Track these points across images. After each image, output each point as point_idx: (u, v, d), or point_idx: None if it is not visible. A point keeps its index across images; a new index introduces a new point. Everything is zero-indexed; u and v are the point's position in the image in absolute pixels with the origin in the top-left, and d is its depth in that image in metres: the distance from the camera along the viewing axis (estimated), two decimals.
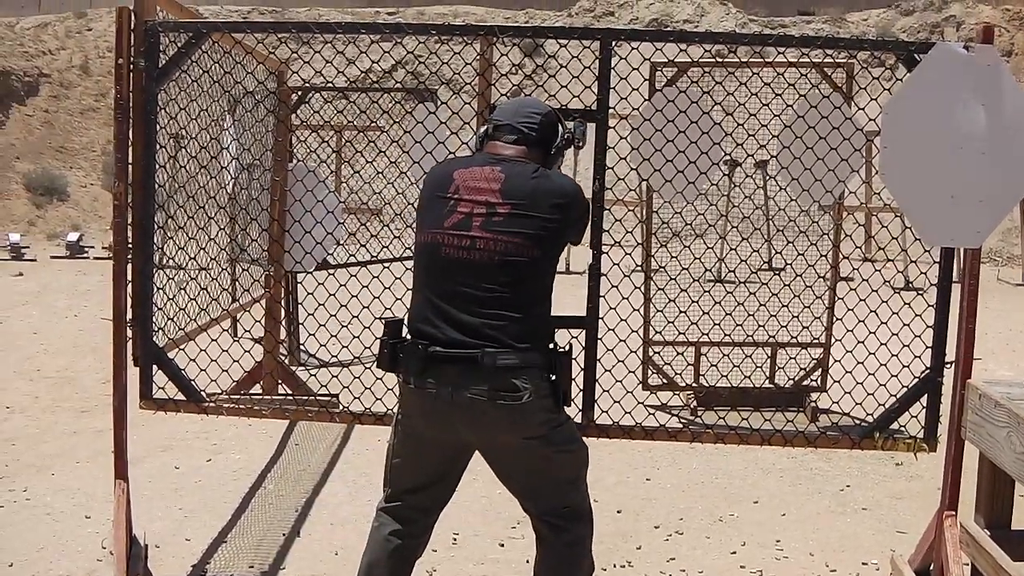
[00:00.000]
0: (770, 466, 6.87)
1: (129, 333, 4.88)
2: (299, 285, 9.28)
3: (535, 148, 4.00)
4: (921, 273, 5.47)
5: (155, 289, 4.97)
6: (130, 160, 4.80)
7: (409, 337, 3.88)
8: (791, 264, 5.95)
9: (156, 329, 4.98)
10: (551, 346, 3.93)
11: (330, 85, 10.80)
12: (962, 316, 4.61)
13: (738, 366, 6.90)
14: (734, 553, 5.54)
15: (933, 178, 4.53)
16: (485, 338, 3.73)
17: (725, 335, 6.23)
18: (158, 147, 4.89)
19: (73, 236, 17.75)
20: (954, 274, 4.84)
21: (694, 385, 7.97)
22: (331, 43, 5.56)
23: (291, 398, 7.12)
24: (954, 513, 4.66)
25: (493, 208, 3.80)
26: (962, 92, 4.54)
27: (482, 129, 4.15)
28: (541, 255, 3.83)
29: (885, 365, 4.92)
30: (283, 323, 8.70)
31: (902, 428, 4.81)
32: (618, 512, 5.98)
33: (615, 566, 5.30)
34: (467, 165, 3.96)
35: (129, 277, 4.86)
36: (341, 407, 5.68)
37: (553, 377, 3.88)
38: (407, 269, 5.57)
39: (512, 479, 4.05)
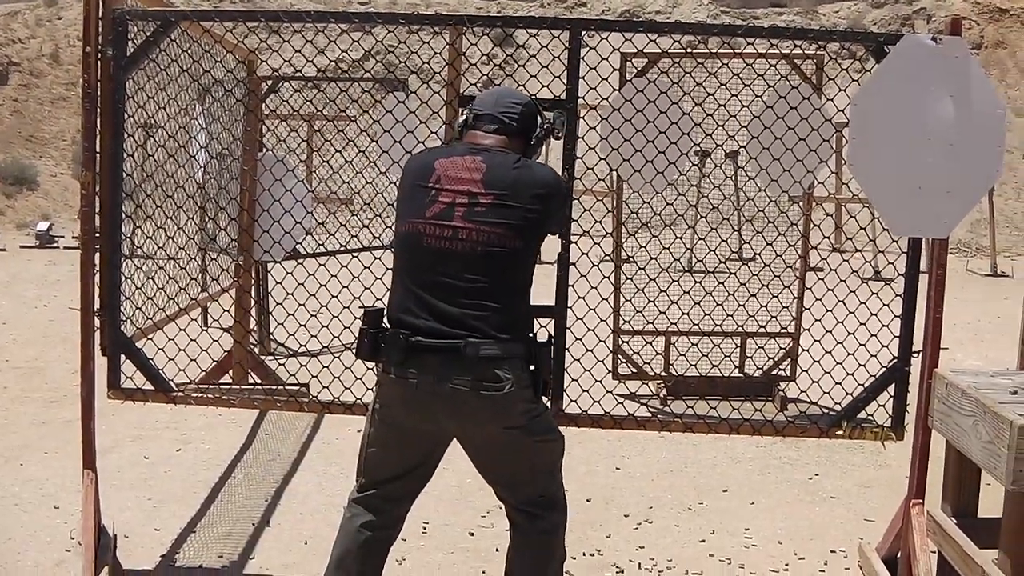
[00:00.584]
0: (739, 455, 6.90)
1: (97, 323, 4.86)
2: (268, 274, 9.26)
3: (516, 138, 4.01)
4: (889, 263, 5.49)
5: (123, 278, 4.94)
6: (98, 149, 4.78)
7: (389, 327, 3.86)
8: (760, 254, 5.98)
9: (124, 318, 4.96)
10: (531, 336, 3.93)
11: (300, 74, 10.78)
12: (929, 306, 4.64)
13: (707, 355, 6.92)
14: (703, 541, 5.56)
15: (901, 169, 4.55)
16: (467, 328, 3.73)
17: (694, 324, 6.28)
18: (126, 136, 4.87)
19: (43, 226, 17.66)
20: (922, 264, 4.85)
21: (663, 374, 7.99)
22: (301, 32, 5.54)
23: (260, 387, 7.11)
24: (921, 501, 4.69)
25: (475, 198, 3.78)
26: (930, 84, 4.56)
27: (461, 118, 4.13)
28: (523, 245, 3.81)
29: (852, 355, 4.95)
30: (253, 312, 8.67)
31: (870, 417, 4.83)
32: (587, 501, 6.00)
33: (584, 554, 5.31)
34: (448, 155, 3.94)
35: (97, 266, 4.84)
36: (310, 397, 5.67)
37: (533, 367, 3.89)
38: (376, 258, 5.60)
39: (490, 469, 4.05)
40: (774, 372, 8.01)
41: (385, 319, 3.90)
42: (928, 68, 4.56)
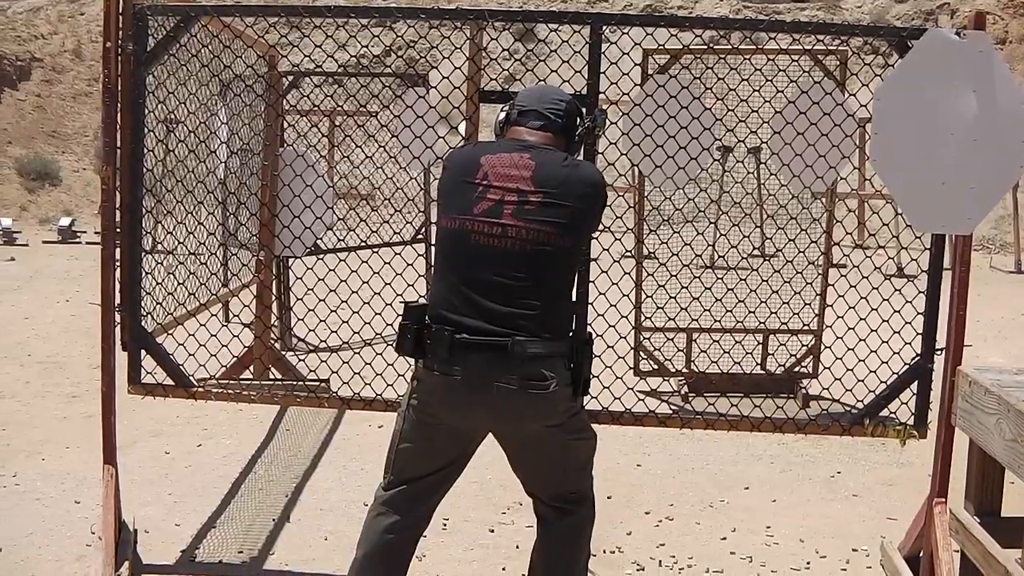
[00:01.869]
0: (761, 452, 6.88)
1: (118, 318, 4.87)
2: (289, 270, 9.26)
3: (560, 135, 3.99)
4: (912, 260, 5.43)
5: (144, 274, 4.95)
6: (119, 144, 4.78)
7: (431, 323, 3.82)
8: (782, 250, 5.94)
9: (145, 314, 4.97)
10: (572, 335, 3.93)
11: (321, 70, 10.78)
12: (953, 303, 4.60)
13: (729, 352, 6.90)
14: (724, 539, 5.54)
15: (924, 164, 4.51)
16: (514, 327, 3.71)
17: (716, 321, 6.23)
18: (146, 131, 4.87)
19: (65, 221, 17.73)
20: (946, 261, 4.81)
21: (685, 371, 7.97)
22: (321, 27, 5.53)
23: (280, 383, 7.12)
24: (944, 500, 4.65)
25: (525, 196, 3.75)
26: (954, 78, 4.51)
27: (502, 114, 4.10)
28: (571, 244, 3.81)
29: (875, 352, 4.92)
30: (273, 308, 8.68)
31: (892, 415, 4.81)
32: (608, 498, 5.97)
33: (605, 552, 5.29)
34: (495, 151, 3.90)
35: (118, 261, 4.85)
36: (331, 392, 5.67)
37: (572, 366, 3.87)
38: (396, 254, 5.58)
39: (525, 465, 4.05)
40: (796, 369, 7.97)
41: (428, 315, 3.86)
42: (951, 63, 4.51)
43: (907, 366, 4.73)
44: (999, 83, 4.54)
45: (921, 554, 4.79)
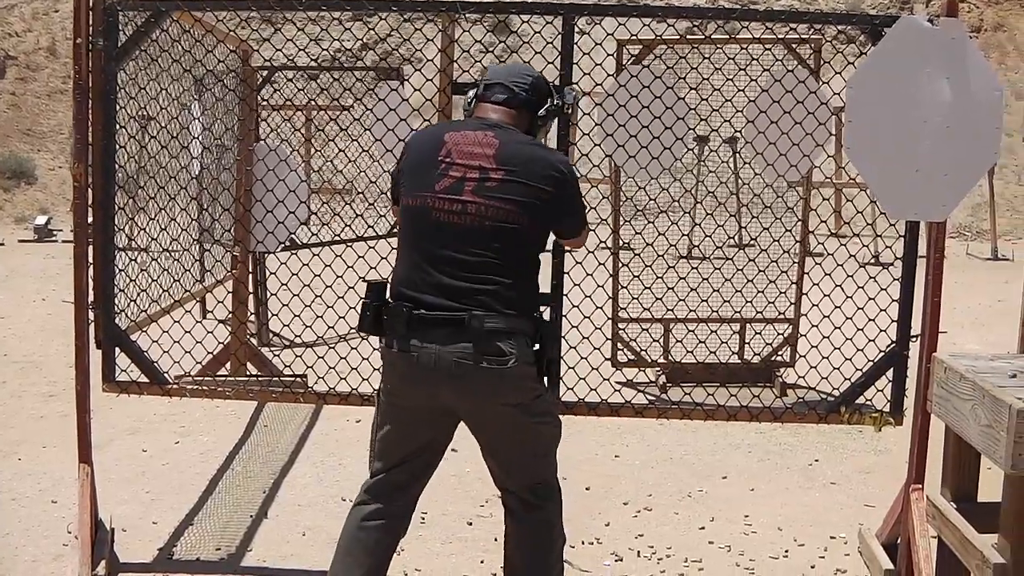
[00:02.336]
0: (739, 442, 6.88)
1: (91, 316, 4.84)
2: (264, 265, 9.24)
3: (524, 110, 3.98)
4: (887, 247, 5.48)
5: (118, 271, 4.93)
6: (90, 141, 4.76)
7: (392, 300, 3.83)
8: (757, 240, 5.94)
9: (119, 311, 4.94)
10: (537, 315, 3.94)
11: (294, 64, 10.75)
12: (928, 290, 4.62)
13: (705, 342, 6.91)
14: (703, 529, 5.54)
15: (898, 152, 4.52)
16: (473, 302, 3.71)
17: (691, 311, 6.25)
18: (119, 127, 4.85)
19: (41, 220, 17.61)
20: (922, 249, 4.82)
21: (661, 361, 7.97)
22: (293, 21, 5.52)
23: (257, 379, 7.09)
24: (921, 486, 4.67)
25: (487, 173, 3.75)
26: (927, 66, 4.53)
27: (471, 92, 4.10)
28: (530, 224, 3.78)
29: (851, 339, 4.93)
30: (249, 303, 8.65)
31: (868, 402, 4.82)
32: (586, 489, 5.98)
33: (584, 543, 5.29)
34: (459, 128, 3.91)
35: (91, 259, 4.83)
36: (307, 387, 5.65)
37: (537, 347, 3.88)
38: (371, 247, 5.57)
39: (490, 448, 4.01)
40: (773, 358, 7.99)
41: (388, 293, 3.87)
42: (924, 50, 4.53)
43: (882, 353, 4.75)
44: (972, 70, 4.55)
45: (899, 541, 4.81)
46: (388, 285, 3.89)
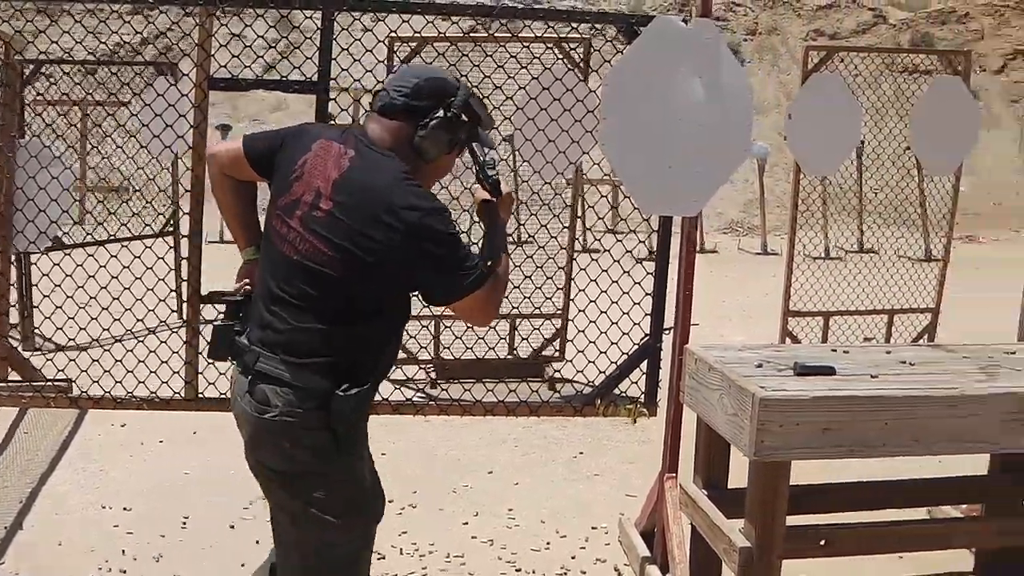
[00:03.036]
0: (505, 436, 6.92)
1: None
2: (34, 265, 8.89)
3: (405, 122, 3.28)
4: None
5: None
6: None
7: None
8: (535, 236, 6.00)
9: None
10: (356, 380, 3.18)
11: (69, 58, 10.41)
12: (680, 283, 4.71)
13: (483, 338, 6.95)
14: (466, 524, 5.55)
15: (651, 148, 4.60)
16: (268, 342, 3.20)
17: None
18: None
19: None
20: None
21: (433, 358, 7.97)
22: (71, 13, 5.32)
23: (20, 384, 6.82)
24: (674, 475, 4.77)
25: (318, 201, 3.16)
26: (681, 65, 4.61)
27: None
28: (346, 273, 3.12)
29: (605, 333, 5.01)
30: (16, 305, 8.32)
31: (623, 394, 4.90)
32: None
33: None
34: (330, 137, 3.30)
35: None
36: (81, 392, 5.47)
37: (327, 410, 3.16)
38: (147, 247, 5.41)
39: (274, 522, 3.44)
40: (545, 353, 8.06)
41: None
42: (678, 49, 4.61)
43: (636, 346, 4.83)
44: (725, 69, 4.66)
45: (656, 529, 4.90)
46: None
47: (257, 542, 5.10)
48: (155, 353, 5.55)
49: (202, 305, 5.08)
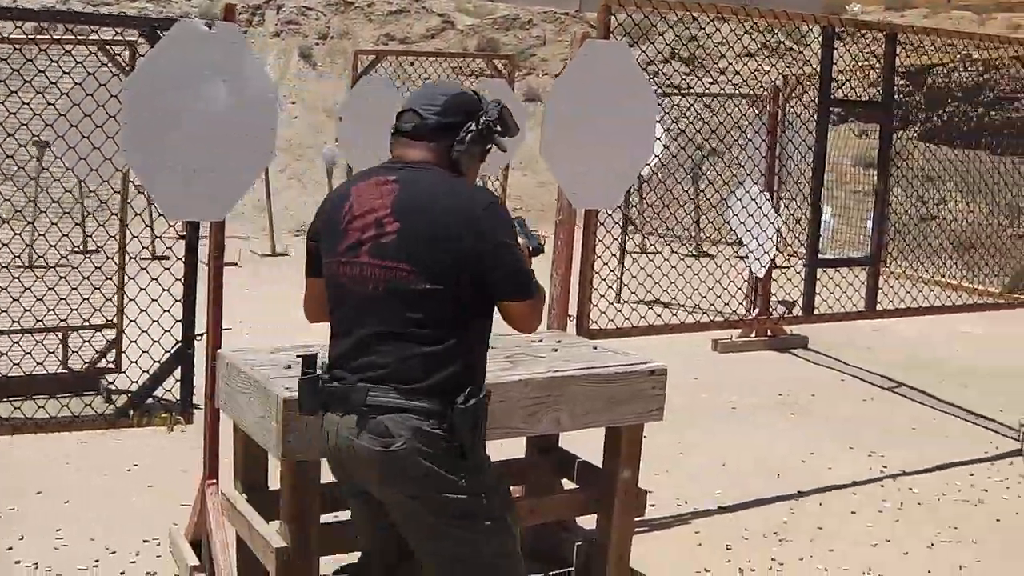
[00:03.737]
0: (59, 454, 6.63)
1: None
2: None
3: (440, 140, 3.39)
4: (168, 248, 5.61)
5: None
6: None
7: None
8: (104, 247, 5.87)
9: None
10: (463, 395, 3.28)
11: None
12: (211, 289, 4.70)
13: (28, 353, 6.72)
14: (11, 549, 5.30)
15: (177, 152, 4.55)
16: (367, 378, 3.27)
17: (15, 322, 6.06)
18: None
19: None
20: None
21: None
22: None
23: None
24: (215, 481, 4.76)
25: (382, 228, 3.27)
26: (204, 68, 4.60)
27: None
28: (432, 288, 3.23)
29: (158, 342, 4.94)
30: None
31: (160, 401, 4.85)
32: None
33: None
34: (364, 178, 3.42)
35: None
36: None
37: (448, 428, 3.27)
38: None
39: (414, 544, 3.52)
40: (99, 365, 7.83)
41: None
42: (202, 53, 4.60)
43: (168, 353, 4.80)
44: (249, 74, 4.69)
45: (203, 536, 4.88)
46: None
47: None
48: None
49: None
